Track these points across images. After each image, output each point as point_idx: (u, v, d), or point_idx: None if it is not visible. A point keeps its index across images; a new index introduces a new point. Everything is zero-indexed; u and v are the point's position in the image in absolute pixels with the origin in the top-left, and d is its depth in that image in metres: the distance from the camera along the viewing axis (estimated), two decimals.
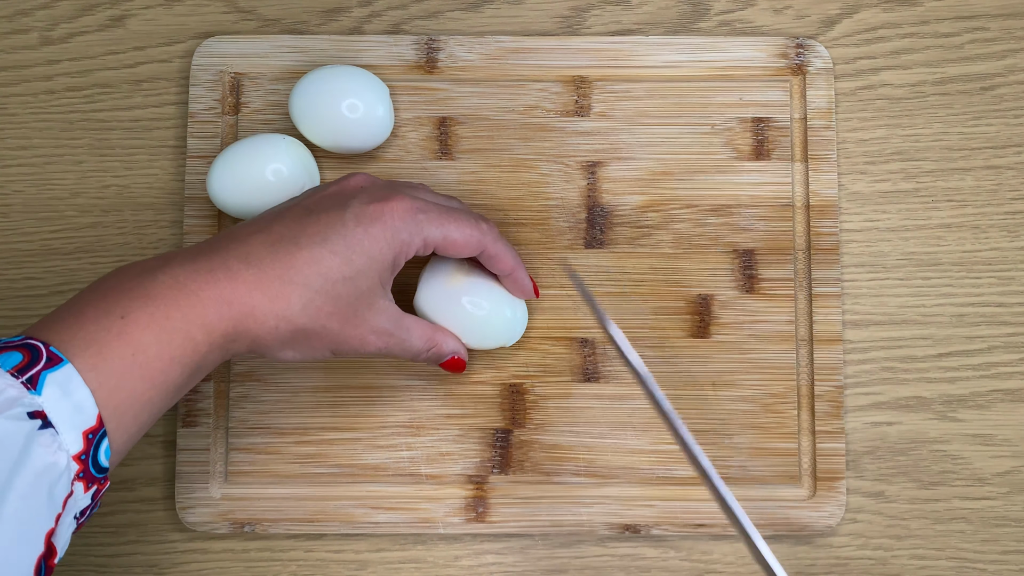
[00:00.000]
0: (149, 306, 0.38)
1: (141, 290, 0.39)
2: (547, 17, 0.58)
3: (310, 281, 0.41)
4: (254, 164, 0.51)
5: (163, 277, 0.39)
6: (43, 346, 0.36)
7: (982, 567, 0.53)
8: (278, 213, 0.44)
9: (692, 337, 0.54)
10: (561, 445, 0.54)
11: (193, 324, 0.39)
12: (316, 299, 0.42)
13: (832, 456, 0.53)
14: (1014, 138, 0.56)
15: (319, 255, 0.41)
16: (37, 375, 0.35)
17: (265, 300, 0.41)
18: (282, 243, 0.41)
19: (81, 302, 0.39)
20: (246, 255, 0.41)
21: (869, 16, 0.58)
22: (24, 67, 0.57)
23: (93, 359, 0.37)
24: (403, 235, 0.43)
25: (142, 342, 0.38)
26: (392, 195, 0.44)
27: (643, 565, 0.53)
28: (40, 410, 0.35)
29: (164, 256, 0.42)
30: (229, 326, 0.40)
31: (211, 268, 0.40)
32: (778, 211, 0.55)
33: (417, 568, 0.53)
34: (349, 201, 0.43)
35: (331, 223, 0.42)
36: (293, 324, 0.41)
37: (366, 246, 0.42)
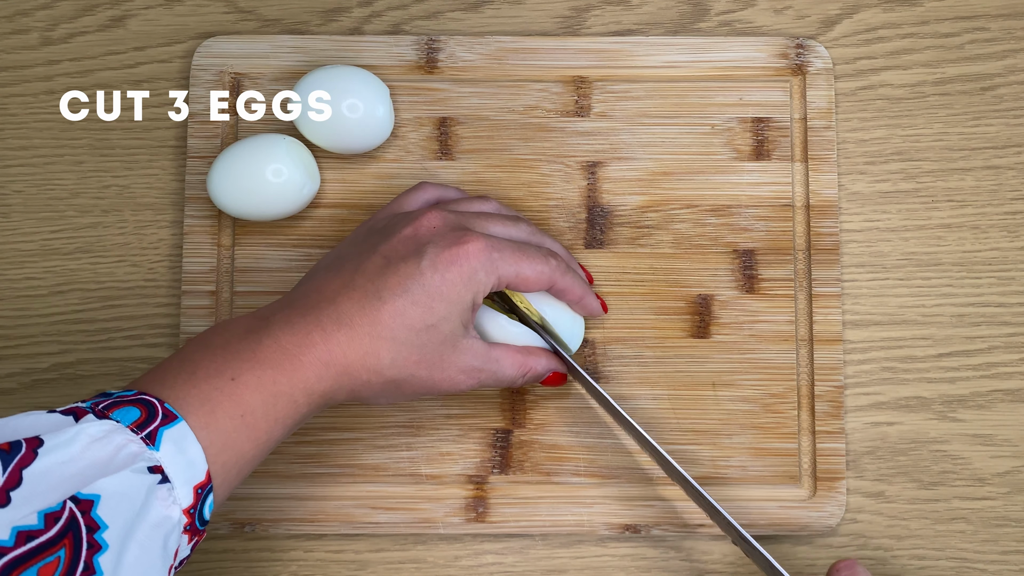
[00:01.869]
0: (257, 369, 0.41)
1: (249, 353, 0.41)
2: (547, 17, 0.58)
3: (396, 335, 0.43)
4: (254, 164, 0.51)
5: (268, 341, 0.42)
6: (159, 403, 0.38)
7: (982, 567, 0.53)
8: (359, 263, 0.45)
9: (692, 337, 0.54)
10: (561, 445, 0.54)
11: (296, 388, 0.42)
12: (403, 351, 0.44)
13: (832, 456, 0.53)
14: (1014, 138, 0.56)
15: (402, 307, 0.43)
16: (155, 431, 0.38)
17: (358, 357, 0.43)
18: (367, 299, 0.43)
19: (192, 360, 0.41)
20: (337, 316, 0.43)
21: (869, 16, 0.58)
22: (24, 67, 0.57)
23: (206, 418, 0.39)
24: (480, 276, 0.45)
25: (251, 404, 0.40)
26: (466, 237, 0.45)
27: (643, 565, 0.53)
28: (158, 464, 0.37)
29: (263, 315, 0.44)
30: (327, 385, 0.43)
31: (308, 331, 0.42)
32: (778, 211, 0.55)
33: (417, 568, 0.53)
34: (425, 248, 0.44)
35: (410, 273, 0.44)
36: (384, 376, 0.44)
37: (444, 293, 0.44)
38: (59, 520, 0.35)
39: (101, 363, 0.55)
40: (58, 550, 0.34)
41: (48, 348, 0.55)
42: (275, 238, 0.55)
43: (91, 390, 0.54)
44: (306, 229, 0.55)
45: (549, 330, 0.51)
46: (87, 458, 0.36)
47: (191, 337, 0.44)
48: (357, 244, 0.47)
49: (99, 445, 0.36)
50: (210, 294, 0.54)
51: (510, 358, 0.48)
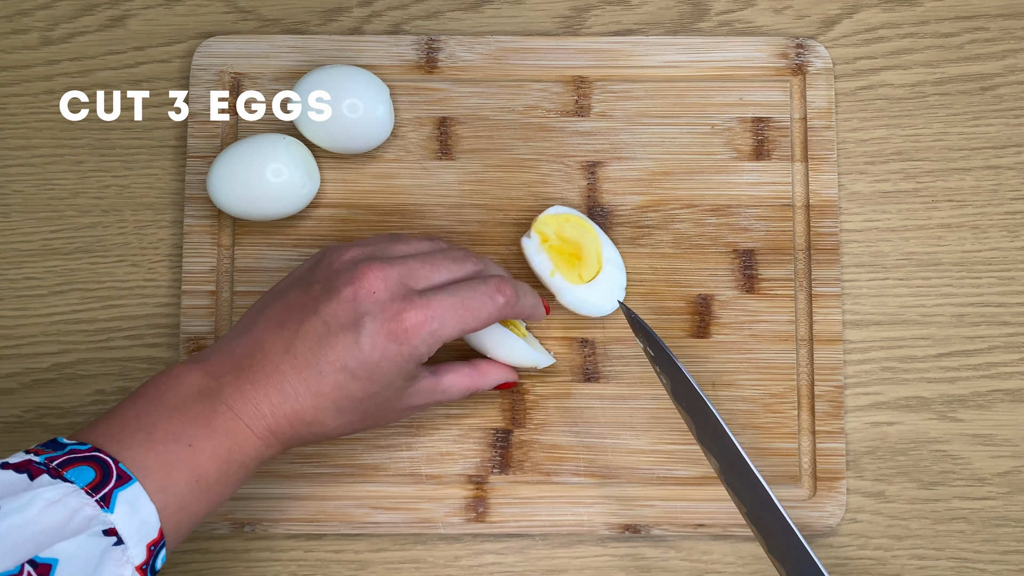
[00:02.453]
0: (212, 439, 0.42)
1: (204, 420, 0.42)
2: (547, 17, 0.58)
3: (340, 405, 0.44)
4: (254, 164, 0.51)
5: (221, 408, 0.43)
6: (113, 463, 0.39)
7: (982, 567, 0.53)
8: (300, 324, 0.44)
9: (692, 337, 0.54)
10: (561, 445, 0.54)
11: (248, 455, 0.43)
12: (346, 416, 0.45)
13: (832, 456, 0.53)
14: (1014, 138, 0.56)
15: (342, 382, 0.44)
16: (110, 493, 0.38)
17: (304, 427, 0.44)
18: (308, 371, 0.43)
19: (149, 419, 0.42)
20: (281, 387, 0.43)
21: (869, 16, 0.58)
22: (24, 67, 0.57)
23: (162, 482, 0.40)
24: (422, 349, 0.45)
25: (205, 471, 0.42)
26: (405, 313, 0.44)
27: (643, 565, 0.53)
28: (113, 527, 0.38)
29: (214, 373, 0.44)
30: (276, 450, 0.45)
31: (257, 402, 0.43)
32: (778, 211, 0.55)
33: (417, 568, 0.53)
34: (363, 320, 0.44)
35: (348, 347, 0.43)
36: (330, 437, 0.46)
37: (384, 368, 0.44)
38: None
39: (101, 363, 0.55)
40: None
41: (48, 348, 0.55)
42: (275, 238, 0.55)
43: (91, 390, 0.54)
44: (306, 229, 0.55)
45: None
46: (43, 522, 0.37)
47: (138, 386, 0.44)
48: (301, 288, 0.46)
49: (55, 509, 0.37)
50: (210, 294, 0.54)
51: (458, 384, 0.49)
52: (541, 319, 0.51)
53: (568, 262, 0.52)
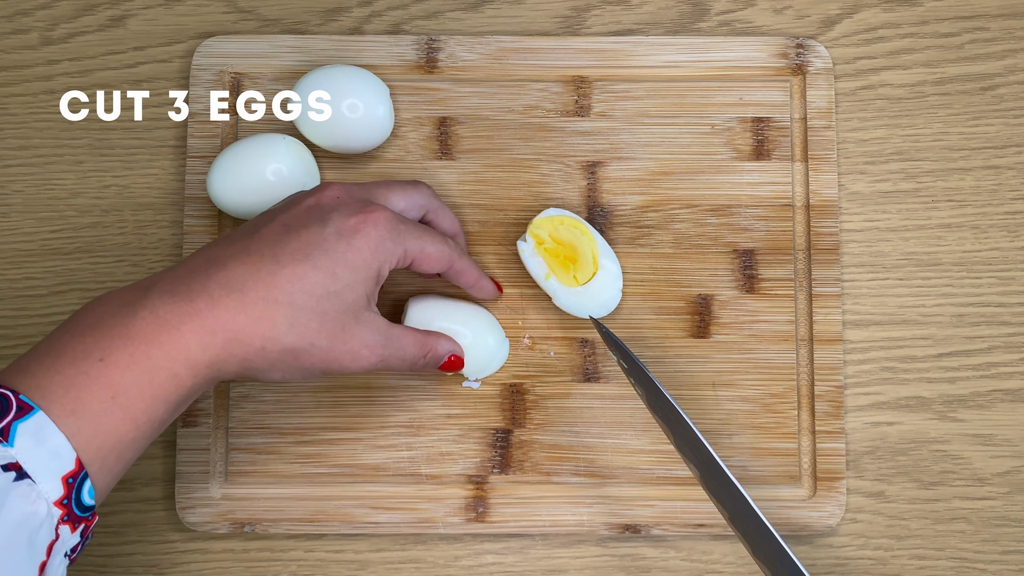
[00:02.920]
0: (129, 346, 0.38)
1: (121, 328, 0.38)
2: (547, 17, 0.58)
3: (295, 299, 0.41)
4: (254, 164, 0.51)
5: (143, 312, 0.38)
6: (12, 395, 0.36)
7: (982, 567, 0.53)
8: (255, 230, 0.42)
9: (692, 337, 0.54)
10: (561, 445, 0.54)
11: (176, 360, 0.38)
12: (302, 317, 0.41)
13: (832, 456, 0.53)
14: (1014, 138, 0.56)
15: (302, 272, 0.41)
16: (7, 427, 0.35)
17: (250, 323, 0.40)
18: (263, 263, 0.40)
19: (59, 342, 0.38)
20: (226, 280, 0.40)
21: (869, 16, 0.58)
22: (24, 67, 0.57)
23: (72, 404, 0.36)
24: (387, 245, 0.43)
25: (122, 384, 0.37)
26: (371, 207, 0.44)
27: (643, 565, 0.53)
28: (14, 461, 0.35)
29: (144, 285, 0.40)
30: (214, 355, 0.39)
31: (191, 298, 0.39)
32: (778, 211, 0.55)
33: (417, 568, 0.53)
34: (329, 215, 0.43)
35: (311, 239, 0.41)
36: (280, 344, 0.41)
37: (349, 259, 0.42)
38: None
39: None
40: None
41: None
42: None
43: None
44: None
45: None
46: None
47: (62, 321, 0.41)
48: (260, 217, 0.45)
49: None
50: None
51: (411, 336, 0.47)
52: (491, 298, 0.51)
53: (563, 265, 0.52)
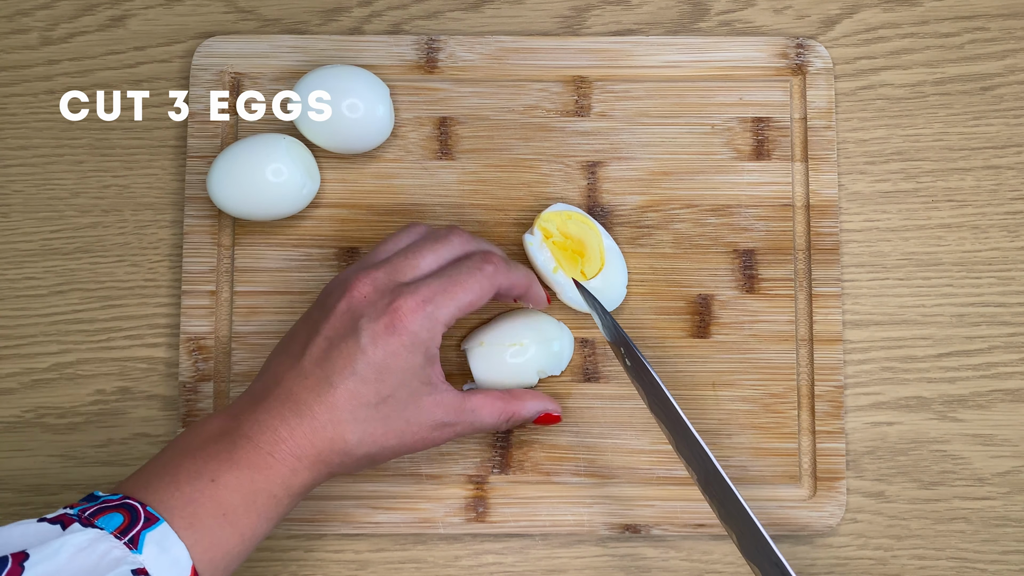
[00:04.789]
0: (234, 470, 0.42)
1: (226, 455, 0.43)
2: (547, 17, 0.58)
3: (355, 414, 0.44)
4: (254, 164, 0.51)
5: (241, 442, 0.43)
6: (141, 507, 0.40)
7: (982, 567, 0.53)
8: (306, 347, 0.45)
9: (692, 337, 0.54)
10: (561, 445, 0.54)
11: (273, 484, 0.43)
12: (367, 427, 0.44)
13: (832, 456, 0.53)
14: (1014, 138, 0.56)
15: (352, 387, 0.44)
16: (137, 535, 0.39)
17: (326, 444, 0.44)
18: (320, 386, 0.44)
19: (173, 462, 0.43)
20: (297, 408, 0.44)
21: (869, 16, 0.58)
22: (24, 67, 0.57)
23: (189, 518, 0.41)
24: (422, 335, 0.45)
25: (231, 503, 0.42)
26: (396, 302, 0.45)
27: (643, 565, 0.53)
28: (142, 567, 0.39)
29: (234, 413, 0.45)
30: (305, 477, 0.44)
31: (275, 428, 0.44)
32: (778, 211, 0.55)
33: (417, 568, 0.53)
34: (359, 322, 0.45)
35: (351, 353, 0.44)
36: (355, 456, 0.45)
37: (390, 365, 0.44)
38: None
39: (101, 363, 0.55)
40: None
41: (48, 348, 0.55)
42: (275, 238, 0.55)
43: (91, 390, 0.54)
44: (306, 229, 0.55)
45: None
46: (73, 568, 0.37)
47: (169, 441, 0.45)
48: (306, 321, 0.47)
49: (84, 555, 0.38)
50: (210, 294, 0.54)
51: (489, 406, 0.48)
52: (542, 305, 0.51)
53: (571, 259, 0.52)
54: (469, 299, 0.46)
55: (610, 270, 0.52)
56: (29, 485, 0.54)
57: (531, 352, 0.51)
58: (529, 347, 0.51)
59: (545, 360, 0.52)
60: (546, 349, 0.52)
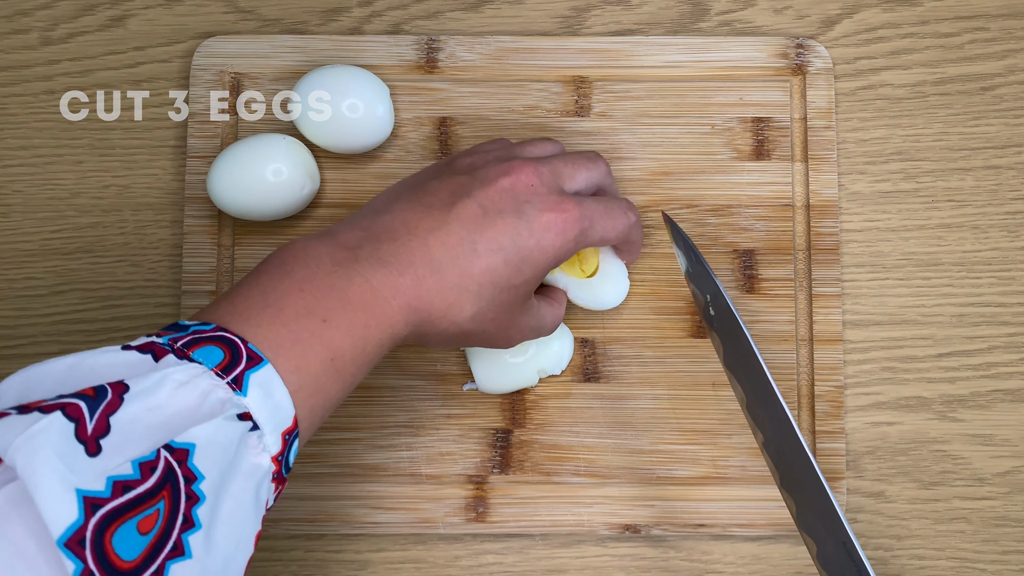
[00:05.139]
0: (348, 311, 0.39)
1: (340, 292, 0.39)
2: (547, 17, 0.58)
3: (483, 291, 0.42)
4: (254, 164, 0.51)
5: (358, 280, 0.40)
6: (242, 343, 0.36)
7: (982, 567, 0.53)
8: (453, 204, 0.43)
9: (692, 337, 0.54)
10: (561, 445, 0.54)
11: (384, 331, 0.40)
12: (484, 307, 0.43)
13: (832, 456, 0.53)
14: (1014, 138, 0.56)
15: (494, 264, 0.42)
16: (241, 375, 0.35)
17: (443, 306, 0.42)
18: (462, 249, 0.42)
19: (276, 293, 0.38)
20: (429, 260, 0.41)
21: (869, 16, 0.58)
22: (24, 67, 0.57)
23: (296, 361, 0.37)
24: (570, 246, 0.44)
25: (342, 347, 0.38)
26: (564, 204, 0.44)
27: (643, 565, 0.53)
28: (247, 411, 0.35)
29: (350, 243, 0.41)
30: (411, 329, 0.41)
31: (400, 272, 0.41)
32: (778, 211, 0.55)
33: (417, 568, 0.53)
34: (523, 206, 0.43)
35: (506, 230, 0.42)
36: (461, 328, 0.43)
37: (536, 258, 0.43)
38: (155, 470, 0.32)
39: None
40: (157, 502, 0.32)
41: (48, 348, 0.55)
42: (275, 238, 0.55)
43: None
44: (306, 229, 0.55)
45: None
46: (174, 405, 0.33)
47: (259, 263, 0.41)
48: (443, 180, 0.45)
49: (185, 391, 0.34)
50: (210, 294, 0.54)
51: (551, 314, 0.49)
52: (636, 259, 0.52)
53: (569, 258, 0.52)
54: (613, 236, 0.46)
55: (607, 266, 0.52)
56: None
57: (531, 352, 0.52)
58: (529, 347, 0.52)
59: (545, 360, 0.52)
60: (546, 349, 0.52)
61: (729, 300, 0.46)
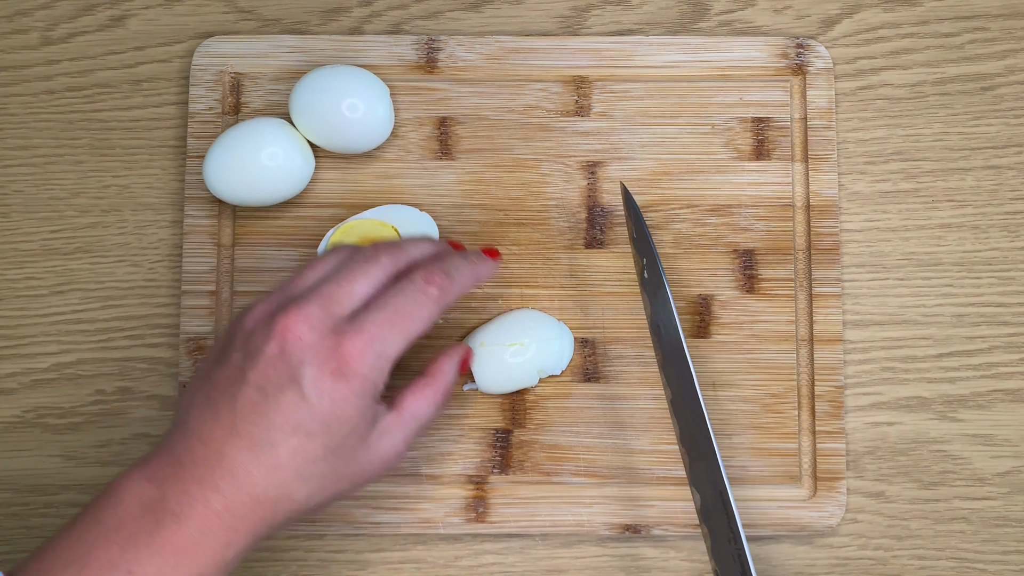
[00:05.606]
0: (156, 558, 0.37)
1: (146, 539, 0.37)
2: (547, 17, 0.58)
3: (302, 472, 0.40)
4: (249, 149, 0.51)
5: (168, 521, 0.38)
6: None
7: (982, 567, 0.53)
8: (233, 400, 0.40)
9: (692, 337, 0.54)
10: (561, 445, 0.54)
11: (205, 565, 0.38)
12: (316, 481, 0.41)
13: (832, 456, 0.53)
14: (1014, 138, 0.56)
15: (297, 446, 0.40)
16: None
17: (270, 508, 0.40)
18: (258, 446, 0.39)
19: (84, 545, 0.38)
20: (231, 473, 0.39)
21: (869, 16, 0.58)
22: (24, 67, 0.57)
23: None
24: (373, 376, 0.41)
25: None
26: (343, 346, 0.40)
27: (643, 565, 0.53)
28: None
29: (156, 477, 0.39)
30: (242, 546, 0.39)
31: (207, 498, 0.38)
32: (778, 211, 0.55)
33: (417, 568, 0.53)
34: (299, 370, 0.40)
35: (293, 407, 0.39)
36: (308, 508, 0.41)
37: (339, 413, 0.40)
38: None
39: (101, 363, 0.55)
40: None
41: (48, 348, 0.55)
42: (276, 238, 0.55)
43: (91, 390, 0.54)
44: (307, 229, 0.55)
45: None
46: None
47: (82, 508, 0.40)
48: (222, 363, 0.42)
49: None
50: (210, 294, 0.54)
51: (423, 401, 0.44)
52: (490, 276, 0.48)
53: None
54: (418, 329, 0.42)
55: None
56: (29, 485, 0.54)
57: (532, 352, 0.52)
58: (530, 347, 0.51)
59: (546, 360, 0.52)
60: (546, 349, 0.52)
61: (661, 267, 0.48)
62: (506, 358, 0.51)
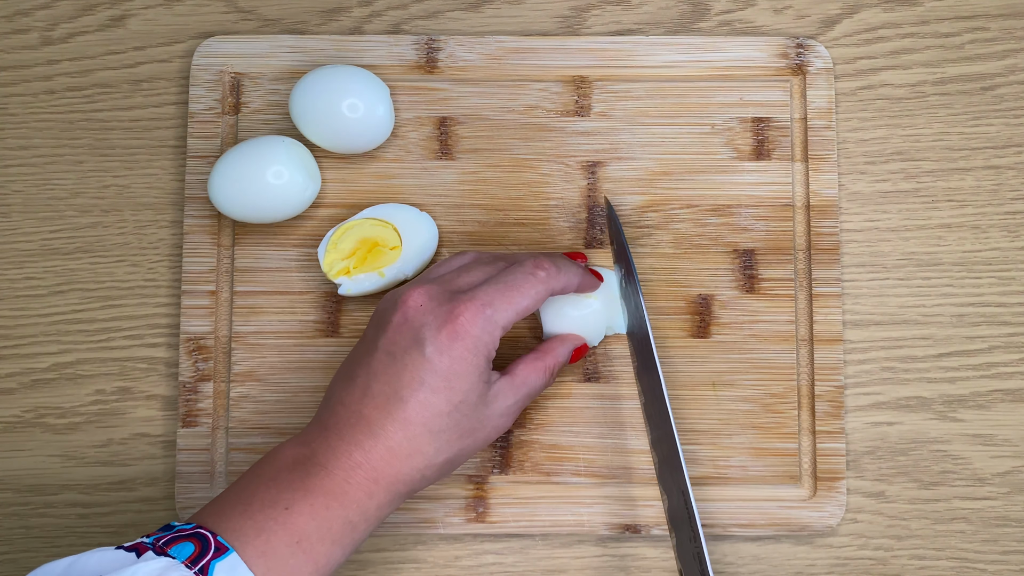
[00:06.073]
0: (308, 498, 0.43)
1: (299, 482, 0.43)
2: (547, 17, 0.58)
3: (429, 426, 0.44)
4: (255, 167, 0.51)
5: (315, 470, 0.43)
6: (211, 536, 0.41)
7: (982, 567, 0.53)
8: (367, 363, 0.45)
9: (692, 337, 0.54)
10: (561, 445, 0.54)
11: (349, 510, 0.43)
12: (442, 436, 0.45)
13: (832, 456, 0.53)
14: (1014, 138, 0.56)
15: (424, 400, 0.44)
16: (207, 564, 0.40)
17: (402, 464, 0.44)
18: (390, 403, 0.44)
19: (247, 491, 0.43)
20: (368, 428, 0.44)
21: (869, 16, 0.58)
22: (24, 67, 0.57)
23: (262, 547, 0.41)
24: (484, 338, 0.45)
25: (306, 530, 0.42)
26: (456, 308, 0.45)
27: (643, 565, 0.53)
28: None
29: (306, 441, 0.45)
30: (381, 499, 0.44)
31: (349, 453, 0.44)
32: (778, 211, 0.55)
33: (417, 568, 0.53)
34: (421, 332, 0.45)
35: (417, 365, 0.44)
36: (435, 465, 0.45)
37: (458, 370, 0.44)
38: None
39: (101, 363, 0.55)
40: None
41: (48, 348, 0.55)
42: (275, 238, 0.55)
43: (91, 390, 0.54)
44: (307, 229, 0.55)
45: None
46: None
47: (245, 470, 0.46)
48: (361, 342, 0.47)
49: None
50: (210, 294, 0.54)
51: (534, 371, 0.49)
52: (596, 288, 0.52)
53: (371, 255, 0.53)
54: (526, 303, 0.46)
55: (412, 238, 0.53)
56: (29, 485, 0.54)
57: (598, 307, 0.52)
58: (597, 303, 0.52)
59: (612, 317, 0.53)
60: (614, 307, 0.53)
61: (637, 278, 0.51)
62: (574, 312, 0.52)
